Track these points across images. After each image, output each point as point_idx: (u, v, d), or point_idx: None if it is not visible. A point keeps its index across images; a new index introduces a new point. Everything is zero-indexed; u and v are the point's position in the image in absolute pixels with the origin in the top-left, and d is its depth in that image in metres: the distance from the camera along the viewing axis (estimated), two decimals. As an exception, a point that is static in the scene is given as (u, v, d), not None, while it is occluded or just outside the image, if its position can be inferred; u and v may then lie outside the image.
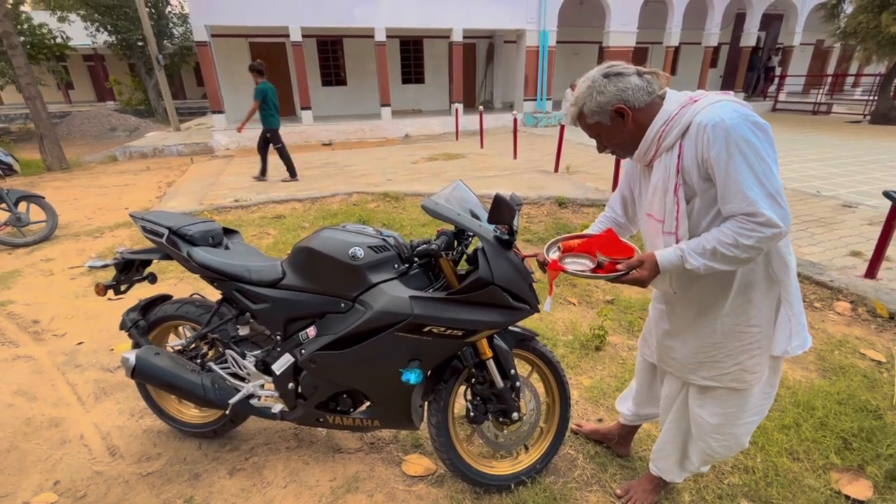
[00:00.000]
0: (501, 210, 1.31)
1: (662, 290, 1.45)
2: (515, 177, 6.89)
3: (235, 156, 10.15)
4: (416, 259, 1.63)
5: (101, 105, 21.95)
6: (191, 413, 2.09)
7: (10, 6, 10.71)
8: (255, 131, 7.78)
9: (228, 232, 2.05)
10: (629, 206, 1.57)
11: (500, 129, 12.65)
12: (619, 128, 1.27)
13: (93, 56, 23.18)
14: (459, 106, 12.40)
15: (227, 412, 1.82)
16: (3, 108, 21.89)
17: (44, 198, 4.85)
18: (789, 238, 1.29)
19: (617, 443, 1.92)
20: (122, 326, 1.99)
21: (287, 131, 11.61)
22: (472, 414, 1.66)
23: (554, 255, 1.40)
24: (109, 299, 2.00)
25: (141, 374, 1.78)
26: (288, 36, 11.20)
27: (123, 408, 2.29)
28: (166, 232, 1.81)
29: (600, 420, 2.13)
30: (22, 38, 14.40)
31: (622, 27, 13.40)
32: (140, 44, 17.92)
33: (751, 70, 16.83)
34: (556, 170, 7.12)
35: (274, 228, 4.93)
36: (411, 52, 15.05)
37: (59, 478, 1.89)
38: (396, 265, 1.60)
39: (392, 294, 1.52)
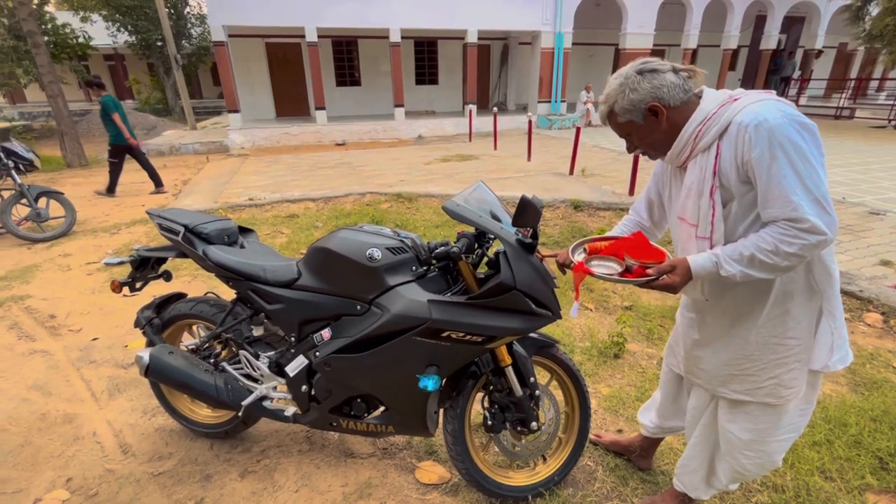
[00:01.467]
0: (527, 212, 1.26)
1: (693, 298, 1.38)
2: (530, 179, 6.82)
3: (250, 155, 10.23)
4: (434, 261, 1.59)
5: (122, 104, 22.36)
6: (203, 413, 2.07)
7: (35, 6, 10.96)
8: (267, 131, 7.78)
9: (244, 231, 2.03)
10: (656, 209, 1.51)
11: (514, 130, 12.57)
12: (652, 127, 1.21)
13: (113, 56, 23.59)
14: (473, 107, 12.36)
15: (240, 414, 1.79)
16: (27, 106, 22.38)
17: (63, 194, 4.92)
18: (833, 247, 1.22)
19: (638, 455, 1.85)
20: (137, 324, 1.98)
21: (301, 131, 11.73)
22: (489, 422, 1.61)
23: (580, 258, 1.34)
24: (125, 296, 1.99)
25: (154, 373, 1.76)
26: (303, 36, 11.28)
27: (136, 405, 2.29)
28: (182, 230, 1.79)
29: (620, 431, 2.06)
30: (46, 38, 14.72)
31: (639, 29, 13.24)
32: (159, 44, 18.21)
33: (774, 73, 16.43)
34: (572, 172, 7.03)
35: (287, 227, 4.94)
36: (425, 53, 15.05)
37: (72, 475, 1.88)
38: (414, 267, 1.56)
39: (410, 297, 1.47)
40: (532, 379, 1.62)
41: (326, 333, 1.63)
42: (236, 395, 1.76)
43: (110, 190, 6.61)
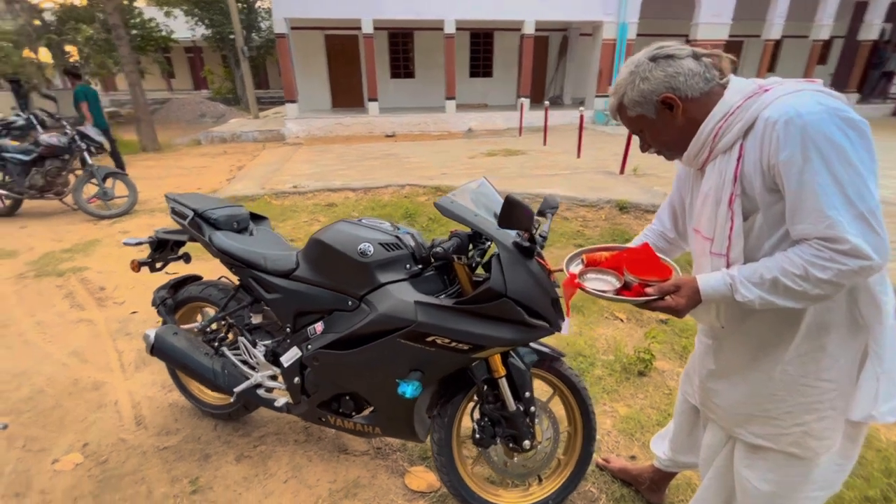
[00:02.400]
0: (514, 214, 1.13)
1: (707, 324, 1.20)
2: (576, 176, 6.51)
3: (304, 143, 10.60)
4: (432, 260, 1.51)
5: (196, 93, 24.02)
6: (209, 394, 2.13)
7: (125, 2, 12.02)
8: (322, 121, 7.97)
9: (257, 218, 2.05)
10: (679, 218, 1.33)
11: (568, 126, 12.09)
12: (667, 122, 1.04)
13: (192, 48, 25.38)
14: (525, 101, 12.02)
15: (232, 399, 1.81)
16: (118, 94, 24.61)
17: (127, 175, 5.32)
18: (886, 273, 1.00)
19: (648, 488, 1.67)
20: (153, 303, 2.05)
21: (354, 121, 11.99)
22: (477, 436, 1.51)
23: (576, 269, 1.20)
24: (157, 271, 2.04)
25: (158, 352, 1.82)
26: (360, 28, 11.47)
27: (157, 380, 2.40)
28: (191, 214, 1.82)
29: (633, 458, 1.88)
30: (134, 32, 16.12)
31: (714, 18, 12.21)
32: (231, 37, 19.33)
33: (875, 67, 14.54)
34: (622, 171, 6.62)
35: (325, 216, 5.03)
36: (481, 45, 14.83)
37: (89, 440, 2.00)
38: (408, 265, 1.48)
39: (398, 297, 1.40)
40: (528, 393, 1.49)
41: (319, 327, 1.59)
42: (232, 380, 1.78)
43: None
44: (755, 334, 1.10)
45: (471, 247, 1.44)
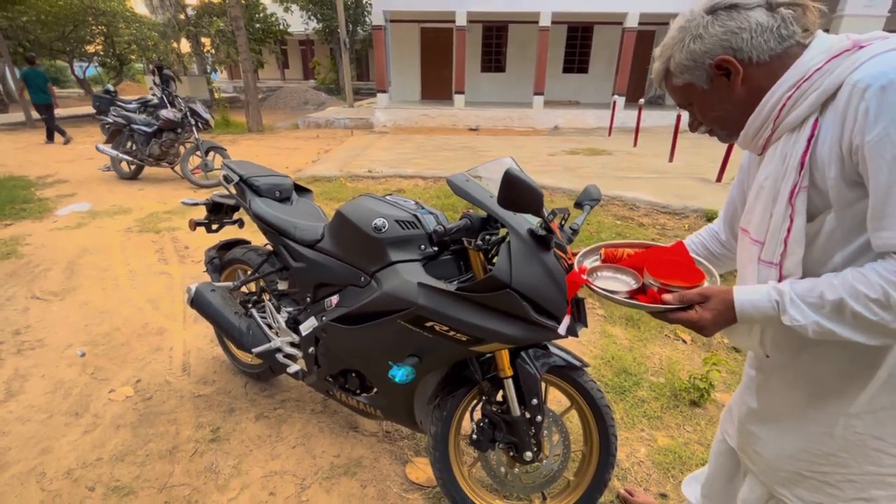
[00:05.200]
0: (514, 193, 1.00)
1: (749, 350, 0.96)
2: (663, 181, 5.92)
3: (389, 132, 10.97)
4: (450, 244, 1.42)
5: (304, 83, 26.06)
6: (244, 353, 2.25)
7: (250, -2, 13.38)
8: (408, 111, 8.15)
9: (301, 190, 2.10)
10: (739, 216, 1.09)
11: (667, 127, 11.08)
12: (722, 94, 0.82)
13: (305, 41, 27.50)
14: (620, 99, 11.24)
15: (250, 359, 1.88)
16: (240, 82, 27.53)
17: (226, 150, 5.89)
18: None
19: (672, 534, 1.43)
20: (205, 261, 2.21)
21: (439, 113, 12.14)
22: (474, 437, 1.39)
23: (590, 264, 1.03)
24: (213, 232, 2.20)
25: (196, 305, 1.95)
26: (454, 21, 11.54)
27: (208, 333, 2.60)
28: (237, 179, 1.91)
29: (664, 496, 1.63)
30: (257, 25, 17.86)
31: (865, 9, 10.37)
32: (339, 30, 20.62)
33: None
34: (720, 179, 5.89)
35: (391, 201, 5.13)
36: (578, 39, 14.17)
37: (142, 377, 2.22)
38: (423, 246, 1.41)
39: (403, 277, 1.33)
40: (535, 401, 1.35)
41: (335, 300, 1.59)
42: (255, 340, 1.85)
43: (50, 136, 9.13)
44: (813, 372, 0.85)
45: (484, 233, 1.32)
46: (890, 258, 0.67)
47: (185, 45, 18.61)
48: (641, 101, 9.36)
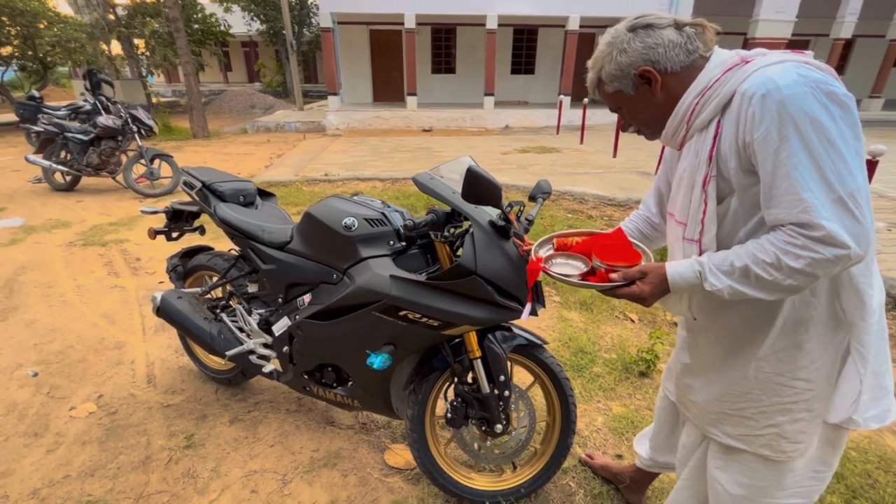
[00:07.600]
0: (476, 188, 1.12)
1: (680, 315, 1.14)
2: (608, 176, 6.31)
3: (343, 135, 10.87)
4: (417, 239, 1.52)
5: (249, 85, 25.15)
6: (213, 359, 2.24)
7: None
8: (361, 113, 8.12)
9: (265, 194, 2.13)
10: (665, 202, 1.27)
11: (611, 125, 11.71)
12: (645, 98, 0.99)
13: (248, 42, 26.56)
14: (565, 98, 11.74)
15: (223, 362, 1.90)
16: (179, 85, 26.17)
17: (172, 157, 5.65)
18: (876, 265, 0.91)
19: (628, 487, 1.61)
20: (167, 269, 2.18)
21: (392, 115, 12.15)
22: (449, 415, 1.51)
23: (544, 253, 1.17)
24: (173, 240, 2.19)
25: (163, 313, 1.94)
26: (403, 23, 11.60)
27: (171, 343, 2.55)
28: (199, 185, 1.92)
29: (619, 456, 1.82)
30: (196, 26, 17.06)
31: (777, 15, 11.43)
32: (284, 32, 20.08)
33: None
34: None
35: (350, 203, 5.14)
36: (524, 41, 14.63)
37: (104, 392, 2.16)
38: (391, 242, 1.50)
39: (375, 271, 1.42)
40: (503, 377, 1.48)
41: (307, 298, 1.65)
42: (227, 344, 1.87)
43: None
44: (730, 328, 1.03)
45: (449, 227, 1.44)
46: (779, 230, 0.84)
47: (116, 48, 17.46)
48: (586, 100, 9.81)
